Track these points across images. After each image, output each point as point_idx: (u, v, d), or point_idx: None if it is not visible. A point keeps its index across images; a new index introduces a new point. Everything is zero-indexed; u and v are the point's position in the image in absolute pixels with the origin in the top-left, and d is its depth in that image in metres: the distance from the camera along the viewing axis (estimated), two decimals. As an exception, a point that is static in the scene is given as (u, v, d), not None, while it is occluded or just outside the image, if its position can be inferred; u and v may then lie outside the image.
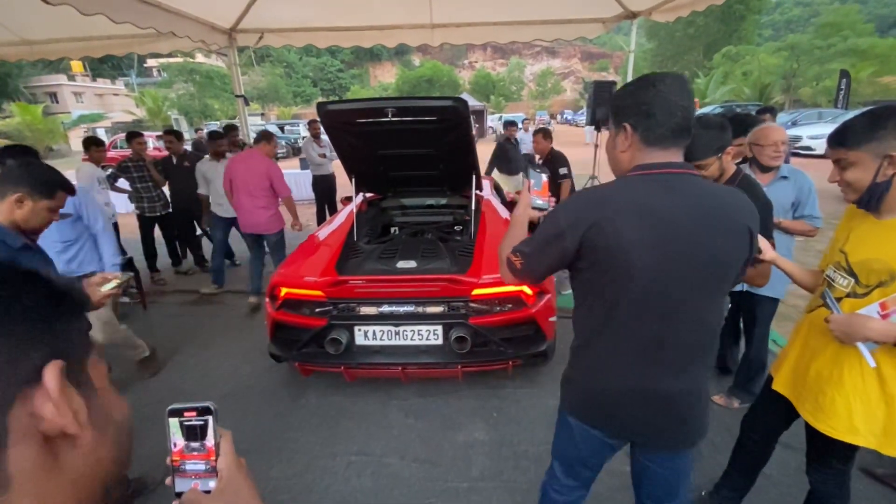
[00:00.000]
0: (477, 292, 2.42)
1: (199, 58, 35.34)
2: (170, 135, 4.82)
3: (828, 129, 12.07)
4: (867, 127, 1.20)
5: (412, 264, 2.62)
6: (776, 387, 1.54)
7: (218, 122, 18.26)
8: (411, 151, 3.10)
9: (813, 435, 1.44)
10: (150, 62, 47.02)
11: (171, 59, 36.26)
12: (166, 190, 4.79)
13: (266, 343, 2.69)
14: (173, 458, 0.51)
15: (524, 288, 2.41)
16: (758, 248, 1.22)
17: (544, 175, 1.29)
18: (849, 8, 31.75)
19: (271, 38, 5.54)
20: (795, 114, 16.61)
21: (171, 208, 4.82)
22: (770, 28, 59.07)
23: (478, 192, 3.27)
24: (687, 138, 1.06)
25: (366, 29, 5.44)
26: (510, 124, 6.46)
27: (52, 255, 2.00)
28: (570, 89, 58.51)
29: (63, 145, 26.48)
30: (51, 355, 0.35)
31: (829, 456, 1.46)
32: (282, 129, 23.04)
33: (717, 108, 18.15)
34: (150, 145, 10.17)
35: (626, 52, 5.60)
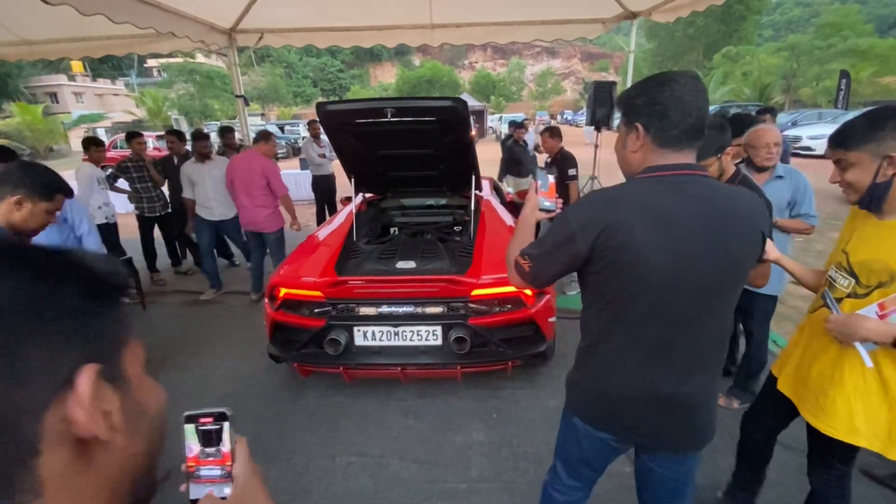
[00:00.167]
0: (476, 293, 2.41)
1: (200, 58, 35.34)
2: (172, 135, 4.82)
3: (828, 129, 12.14)
4: (867, 128, 1.20)
5: (411, 265, 2.62)
6: (779, 387, 1.54)
7: (218, 123, 18.31)
8: (411, 152, 3.10)
9: (814, 435, 1.43)
10: (151, 62, 47.04)
11: (172, 60, 36.26)
12: (165, 190, 4.79)
13: (265, 343, 2.69)
14: (188, 464, 0.50)
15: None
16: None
17: (551, 176, 1.28)
18: (849, 8, 31.79)
19: (271, 39, 5.53)
20: (795, 114, 16.63)
21: (171, 208, 4.81)
22: (770, 28, 59.10)
23: (477, 192, 3.27)
24: (700, 139, 1.04)
25: (366, 29, 5.43)
26: (518, 126, 6.24)
27: None
28: (570, 90, 58.49)
29: (63, 145, 26.48)
30: (87, 356, 0.33)
31: (831, 457, 1.46)
32: (282, 129, 23.04)
33: (715, 108, 18.14)
34: (149, 145, 10.19)
35: (626, 53, 5.59)
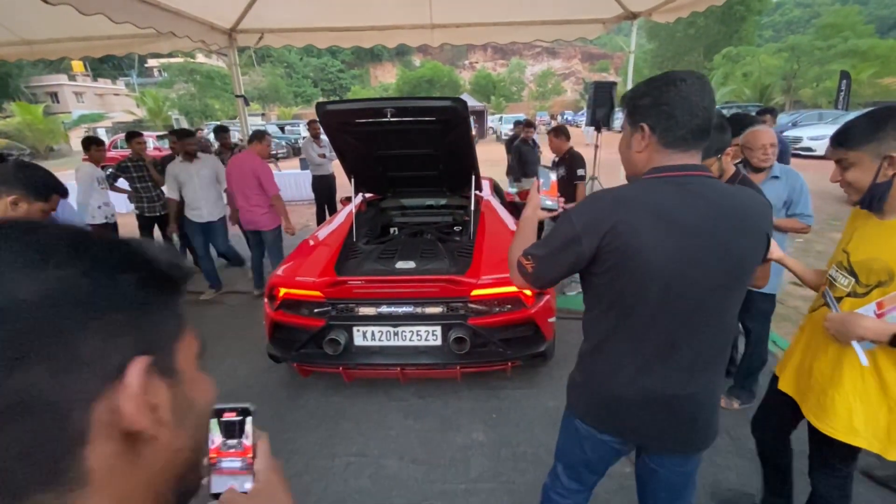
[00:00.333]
0: (476, 293, 2.41)
1: (200, 58, 35.34)
2: (174, 134, 4.81)
3: (828, 130, 12.15)
4: (868, 128, 1.20)
5: (411, 265, 2.62)
6: (781, 386, 1.54)
7: (218, 123, 18.33)
8: (411, 152, 3.10)
9: (815, 435, 1.43)
10: (151, 62, 47.09)
11: (172, 60, 36.30)
12: (165, 189, 4.78)
13: (265, 343, 2.69)
14: (210, 455, 0.51)
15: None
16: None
17: (553, 175, 1.27)
18: (849, 9, 31.80)
19: (271, 39, 5.53)
20: (796, 115, 16.63)
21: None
22: (770, 29, 59.10)
23: (477, 192, 3.27)
24: (706, 140, 1.03)
25: (366, 29, 5.43)
26: (527, 125, 6.14)
27: None
28: (570, 90, 58.39)
29: (63, 145, 26.48)
30: (140, 347, 0.33)
31: (831, 457, 1.46)
32: (282, 129, 23.06)
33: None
34: (149, 145, 10.18)
35: (626, 53, 5.59)
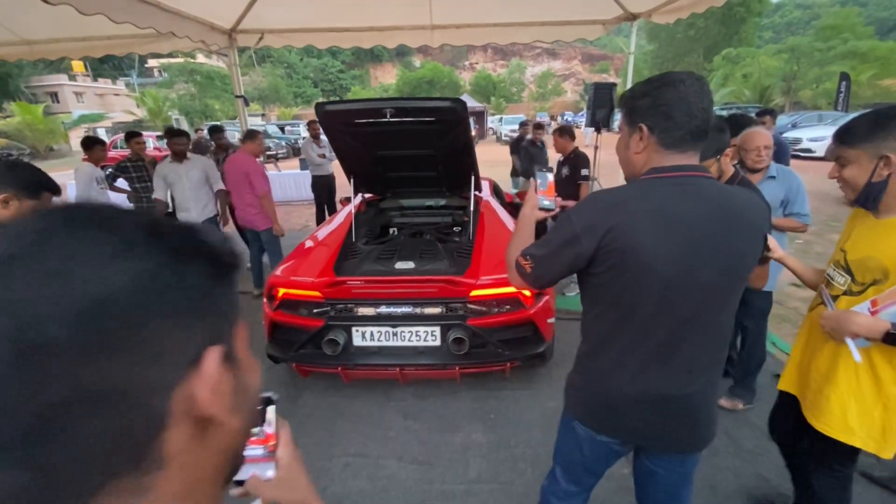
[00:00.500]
0: (475, 293, 2.41)
1: (200, 58, 35.35)
2: (165, 134, 4.83)
3: (828, 131, 12.16)
4: (869, 126, 1.21)
5: (410, 265, 2.62)
6: (782, 385, 1.55)
7: (218, 123, 18.38)
8: (410, 152, 3.10)
9: (813, 434, 1.43)
10: (151, 62, 47.12)
11: (172, 60, 36.31)
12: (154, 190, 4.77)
13: (263, 344, 2.69)
14: None
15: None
16: (766, 247, 1.22)
17: (550, 175, 1.28)
18: (849, 11, 31.89)
19: (271, 39, 5.53)
20: (796, 116, 16.66)
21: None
22: (770, 30, 59.14)
23: (476, 193, 3.27)
24: (704, 140, 1.04)
25: (365, 30, 5.43)
26: (536, 127, 6.06)
27: None
28: (570, 91, 58.39)
29: (63, 145, 26.47)
30: (211, 337, 0.34)
31: (829, 457, 1.46)
32: (282, 129, 23.07)
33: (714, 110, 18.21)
34: (149, 145, 10.18)
35: (626, 54, 5.59)
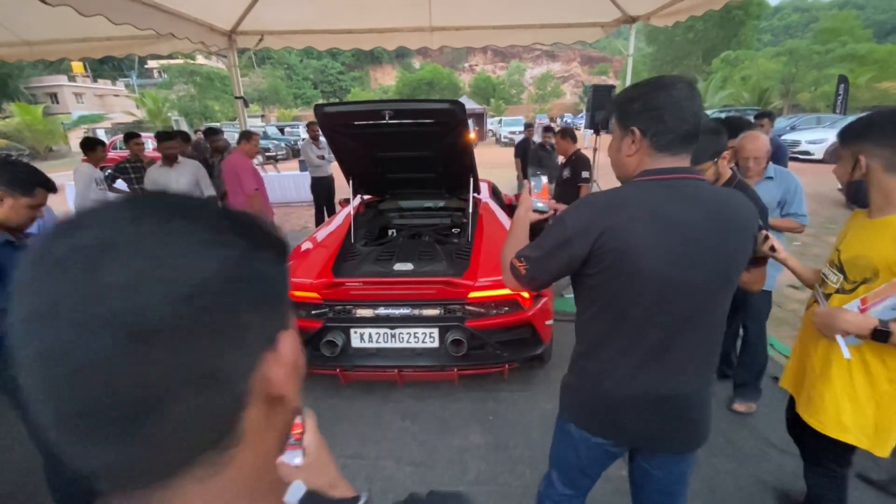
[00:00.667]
0: (473, 295, 2.41)
1: (200, 59, 35.35)
2: (159, 136, 4.80)
3: (826, 134, 12.20)
4: (860, 127, 1.23)
5: (409, 267, 2.62)
6: (783, 383, 1.56)
7: (218, 124, 18.38)
8: (409, 154, 3.10)
9: (808, 433, 1.44)
10: (151, 63, 47.11)
11: (172, 61, 36.29)
12: None
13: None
14: None
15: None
16: (771, 247, 1.23)
17: (544, 178, 1.29)
18: (847, 14, 32.04)
19: (271, 41, 5.53)
20: (794, 118, 16.69)
21: None
22: (769, 33, 59.43)
23: (475, 194, 3.27)
24: (695, 143, 1.05)
25: (365, 32, 5.44)
26: (546, 130, 6.05)
27: None
28: (569, 93, 58.53)
29: (63, 146, 26.46)
30: (282, 320, 0.36)
31: (825, 457, 1.46)
32: (282, 130, 23.08)
33: (714, 112, 18.27)
34: (148, 146, 10.15)
35: (625, 57, 5.61)
